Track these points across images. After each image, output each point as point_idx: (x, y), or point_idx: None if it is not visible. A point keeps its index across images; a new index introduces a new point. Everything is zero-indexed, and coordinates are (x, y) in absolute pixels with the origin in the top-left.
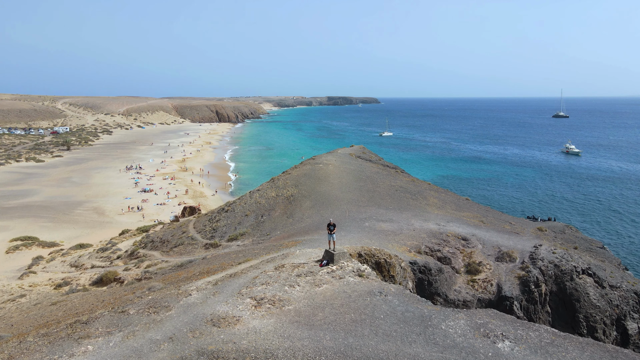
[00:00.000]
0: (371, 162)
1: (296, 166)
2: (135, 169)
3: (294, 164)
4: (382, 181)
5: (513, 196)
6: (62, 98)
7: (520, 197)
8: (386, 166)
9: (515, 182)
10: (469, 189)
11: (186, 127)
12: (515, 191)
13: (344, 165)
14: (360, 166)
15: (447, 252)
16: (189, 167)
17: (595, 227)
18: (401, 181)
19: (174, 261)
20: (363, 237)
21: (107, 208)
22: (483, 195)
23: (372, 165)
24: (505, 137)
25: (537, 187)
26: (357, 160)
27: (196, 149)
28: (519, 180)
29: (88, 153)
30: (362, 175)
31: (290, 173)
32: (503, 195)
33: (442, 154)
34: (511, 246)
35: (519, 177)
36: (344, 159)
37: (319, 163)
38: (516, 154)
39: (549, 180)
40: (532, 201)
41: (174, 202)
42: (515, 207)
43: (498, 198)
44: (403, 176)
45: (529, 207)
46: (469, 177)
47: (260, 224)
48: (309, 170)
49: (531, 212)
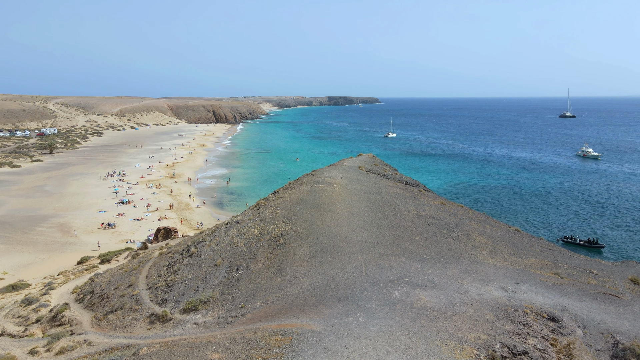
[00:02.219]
0: (386, 177)
1: (290, 184)
2: (119, 175)
3: (291, 169)
4: (405, 208)
5: (541, 208)
6: (55, 98)
7: (546, 209)
8: (405, 183)
9: (535, 189)
10: (491, 201)
11: (181, 128)
12: (541, 202)
13: (353, 184)
14: (375, 185)
15: (533, 348)
16: (178, 172)
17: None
18: (430, 206)
19: (100, 344)
20: (395, 329)
21: (75, 224)
22: (511, 209)
23: (388, 183)
24: (513, 138)
25: (561, 197)
26: (369, 177)
27: (189, 151)
28: (538, 187)
29: (71, 157)
30: (378, 201)
31: (281, 196)
32: (531, 209)
33: (452, 157)
34: (628, 330)
35: (537, 183)
36: (353, 175)
37: (320, 182)
38: (529, 158)
39: (572, 188)
40: (558, 212)
41: (154, 216)
42: (546, 222)
43: (527, 212)
44: (430, 198)
45: (559, 222)
46: (486, 184)
47: (233, 284)
48: (308, 193)
49: (563, 228)
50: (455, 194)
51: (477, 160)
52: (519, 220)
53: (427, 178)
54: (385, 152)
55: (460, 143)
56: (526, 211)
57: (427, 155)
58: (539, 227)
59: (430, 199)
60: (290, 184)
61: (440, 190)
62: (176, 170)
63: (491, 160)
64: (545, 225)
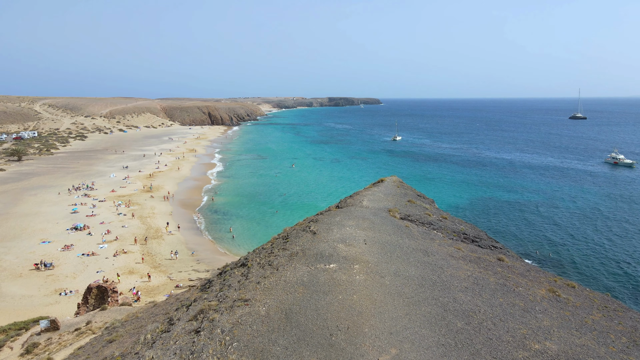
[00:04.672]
0: (434, 227)
1: (275, 245)
2: (86, 188)
3: (287, 179)
4: (509, 331)
5: (595, 242)
6: (42, 99)
7: (602, 243)
8: (466, 237)
9: (574, 209)
10: (528, 227)
11: (173, 131)
12: (591, 230)
13: (388, 260)
14: (427, 258)
15: None
16: (157, 185)
17: None
18: (546, 317)
19: None
20: None
21: (2, 263)
22: (563, 246)
23: (444, 247)
24: (527, 142)
25: (611, 220)
26: (410, 233)
27: (176, 157)
28: (577, 206)
29: (41, 165)
30: (449, 312)
31: (248, 298)
32: (587, 243)
33: (466, 164)
34: None
35: (573, 200)
36: (383, 233)
37: (328, 255)
38: (553, 166)
39: (619, 207)
40: (619, 243)
41: (110, 249)
42: (614, 257)
43: (586, 251)
44: (526, 279)
45: (628, 261)
46: (515, 201)
47: None
48: (302, 291)
49: (633, 271)
50: (482, 216)
51: (494, 169)
52: (582, 266)
53: (445, 193)
54: (393, 158)
55: (472, 147)
56: (583, 247)
57: (439, 162)
58: (615, 275)
59: (529, 282)
60: (275, 243)
61: (464, 211)
62: (156, 181)
63: (510, 168)
64: (607, 257)
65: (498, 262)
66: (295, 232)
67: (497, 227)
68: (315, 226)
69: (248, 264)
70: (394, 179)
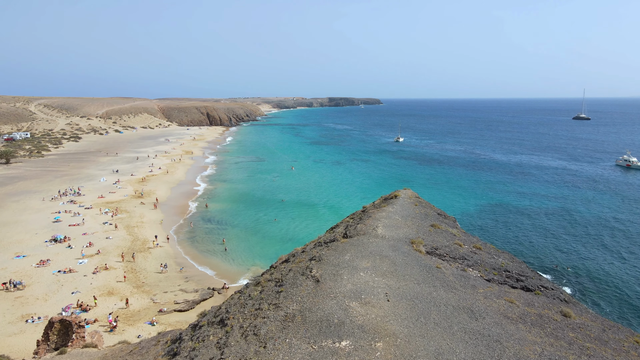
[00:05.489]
0: (467, 263)
1: (263, 301)
2: (73, 194)
3: (286, 183)
4: None
5: (613, 253)
6: (38, 99)
7: (620, 254)
8: (519, 281)
9: (592, 215)
10: (542, 237)
11: (170, 132)
12: (609, 239)
13: (419, 329)
14: (477, 327)
15: None
16: (149, 190)
17: None
18: None
19: None
20: None
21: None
22: (583, 258)
23: (492, 299)
24: (535, 143)
25: (634, 228)
26: (441, 275)
27: (171, 160)
28: (595, 212)
29: (30, 168)
30: None
31: None
32: (606, 254)
33: (474, 167)
34: None
35: (589, 205)
36: (407, 278)
37: (336, 320)
38: (562, 168)
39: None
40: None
41: (91, 264)
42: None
43: (604, 265)
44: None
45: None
46: (527, 207)
47: None
48: None
49: None
50: (496, 226)
51: (503, 172)
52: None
53: (455, 200)
54: (397, 161)
55: (476, 149)
56: (616, 262)
57: (445, 164)
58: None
59: (615, 354)
60: (265, 288)
61: (476, 221)
62: (148, 186)
63: (519, 171)
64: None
65: (566, 321)
66: (293, 275)
67: (511, 237)
68: (319, 268)
69: (227, 324)
70: (409, 194)
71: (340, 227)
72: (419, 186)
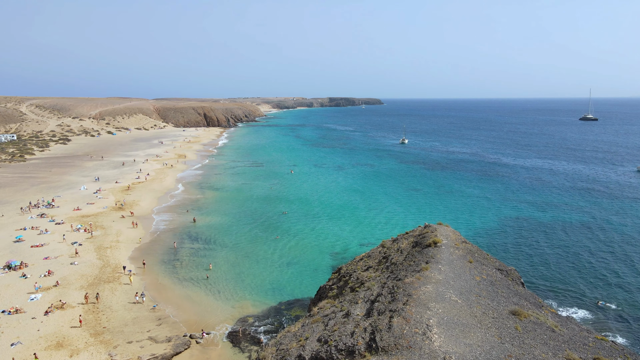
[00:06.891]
0: None
1: None
2: (46, 206)
3: (285, 191)
4: None
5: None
6: (30, 99)
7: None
8: None
9: (623, 232)
10: (577, 265)
11: (165, 134)
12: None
13: None
14: None
15: None
16: (131, 201)
17: None
18: None
19: None
20: None
21: None
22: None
23: None
24: (544, 146)
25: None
26: None
27: (162, 164)
28: (624, 230)
29: (6, 175)
30: None
31: None
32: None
33: (485, 173)
34: None
35: (621, 218)
36: None
37: None
38: (580, 174)
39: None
40: None
41: (44, 301)
42: None
43: None
44: None
45: None
46: (554, 224)
47: None
48: None
49: None
50: (518, 250)
51: (516, 178)
52: None
53: (471, 214)
54: (403, 166)
55: (484, 152)
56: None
57: (454, 170)
58: None
59: None
60: None
61: (496, 238)
62: (132, 195)
63: (535, 177)
64: None
65: None
66: None
67: (539, 265)
68: None
69: None
70: (451, 236)
71: (357, 293)
72: (431, 195)
